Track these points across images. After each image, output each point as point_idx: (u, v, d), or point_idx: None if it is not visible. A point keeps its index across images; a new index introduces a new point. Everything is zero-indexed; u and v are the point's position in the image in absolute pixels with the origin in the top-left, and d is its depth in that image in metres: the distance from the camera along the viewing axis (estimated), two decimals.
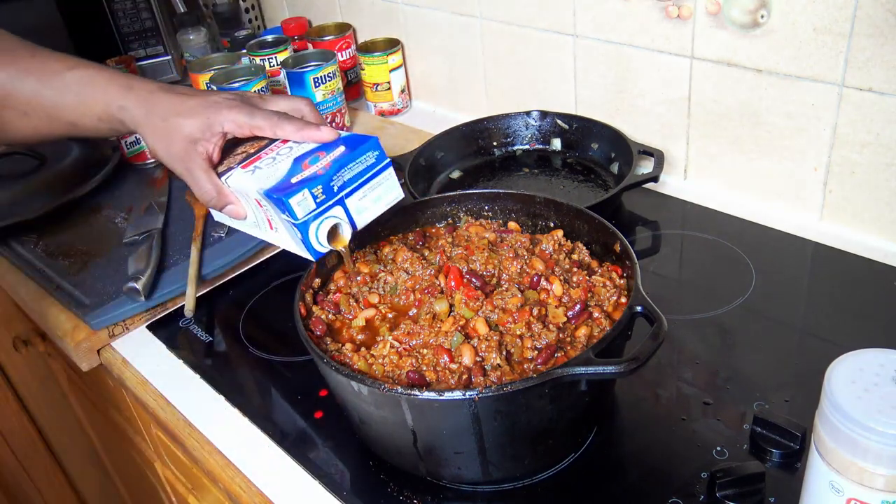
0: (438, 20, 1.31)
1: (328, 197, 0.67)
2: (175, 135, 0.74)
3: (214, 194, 0.75)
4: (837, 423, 0.49)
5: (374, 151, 0.69)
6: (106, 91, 0.76)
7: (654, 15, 1.01)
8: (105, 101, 0.76)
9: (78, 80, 0.76)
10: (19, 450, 1.57)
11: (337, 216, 0.68)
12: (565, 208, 0.81)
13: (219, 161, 0.76)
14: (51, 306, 0.99)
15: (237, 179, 0.72)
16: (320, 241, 0.68)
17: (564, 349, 0.66)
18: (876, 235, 0.93)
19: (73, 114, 0.77)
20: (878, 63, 0.83)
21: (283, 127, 0.74)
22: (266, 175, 0.69)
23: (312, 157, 0.70)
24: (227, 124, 0.74)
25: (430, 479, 0.69)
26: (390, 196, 0.72)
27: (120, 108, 0.76)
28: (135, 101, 0.76)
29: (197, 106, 0.74)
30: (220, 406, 0.83)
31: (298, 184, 0.66)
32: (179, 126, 0.74)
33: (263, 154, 0.74)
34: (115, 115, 0.76)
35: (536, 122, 1.20)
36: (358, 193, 0.69)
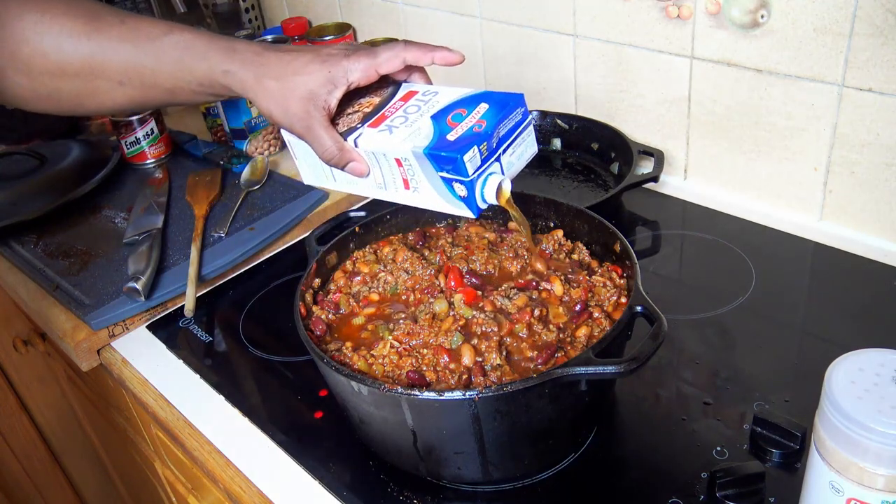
0: (438, 20, 1.31)
1: (490, 153, 0.66)
2: (292, 93, 0.70)
3: (336, 152, 0.71)
4: (837, 423, 0.49)
5: (521, 108, 0.69)
6: (207, 55, 0.72)
7: (654, 15, 1.01)
8: (207, 66, 0.72)
9: (175, 44, 0.72)
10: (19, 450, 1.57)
11: (496, 171, 0.67)
12: (565, 208, 0.81)
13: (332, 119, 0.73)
14: (51, 306, 0.99)
15: (370, 140, 0.70)
16: (486, 197, 0.67)
17: (564, 349, 0.66)
18: (876, 235, 0.93)
19: (172, 80, 0.73)
20: (878, 63, 0.83)
21: (409, 51, 0.71)
22: (409, 134, 0.68)
23: (453, 114, 0.68)
24: (352, 73, 0.70)
25: (430, 479, 0.69)
26: (530, 151, 0.71)
27: (225, 72, 0.71)
28: (241, 63, 0.71)
29: (312, 60, 0.70)
30: (220, 406, 0.83)
31: (460, 141, 0.65)
32: (297, 84, 0.70)
33: (388, 113, 0.72)
34: (218, 81, 0.72)
35: (536, 123, 1.20)
36: (510, 150, 0.69)
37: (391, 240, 0.84)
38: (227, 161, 1.24)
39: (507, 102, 0.68)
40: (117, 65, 0.73)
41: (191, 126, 1.42)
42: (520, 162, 0.70)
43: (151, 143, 1.28)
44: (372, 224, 0.84)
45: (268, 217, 1.10)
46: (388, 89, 0.74)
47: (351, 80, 0.70)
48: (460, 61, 0.72)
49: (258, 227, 1.08)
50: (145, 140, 1.28)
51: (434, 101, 0.71)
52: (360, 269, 0.80)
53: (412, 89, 0.73)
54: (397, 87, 0.74)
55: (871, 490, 0.49)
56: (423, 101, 0.71)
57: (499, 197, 0.67)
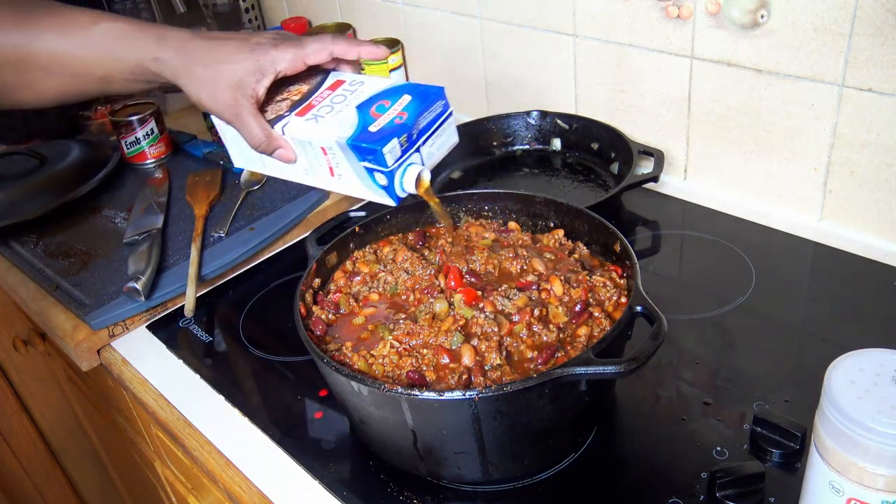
0: (438, 20, 1.31)
1: (410, 145, 0.69)
2: (221, 81, 0.71)
3: (264, 139, 0.72)
4: (837, 423, 0.49)
5: (442, 101, 0.71)
6: (137, 43, 0.73)
7: (654, 15, 1.01)
8: (137, 54, 0.72)
9: (104, 33, 0.73)
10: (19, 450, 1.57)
11: (416, 162, 0.70)
12: (565, 208, 0.81)
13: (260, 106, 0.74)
14: (51, 306, 0.99)
15: (296, 128, 0.72)
16: (405, 187, 0.70)
17: (565, 349, 0.66)
18: (876, 235, 0.93)
19: (103, 69, 0.74)
20: (878, 63, 0.83)
21: (337, 44, 0.73)
22: (334, 124, 0.70)
23: (377, 105, 0.71)
24: (280, 63, 0.72)
25: (430, 479, 0.69)
26: (451, 141, 0.74)
27: (155, 59, 0.72)
28: (171, 51, 0.72)
29: (241, 49, 0.72)
30: (220, 406, 0.83)
31: (381, 132, 0.68)
32: (225, 72, 0.71)
33: (315, 102, 0.73)
34: (149, 68, 0.72)
35: (536, 122, 1.20)
36: (430, 141, 0.71)
37: (391, 240, 0.84)
38: (227, 161, 1.24)
39: (428, 95, 0.70)
40: (47, 55, 0.73)
41: (191, 126, 1.42)
42: (440, 152, 0.73)
43: (151, 143, 1.28)
44: (372, 224, 0.84)
45: (268, 217, 1.10)
46: (316, 78, 0.76)
47: (278, 70, 0.72)
48: (384, 56, 0.76)
49: (258, 227, 1.08)
50: (145, 140, 1.28)
51: (360, 91, 0.73)
52: (360, 269, 0.80)
53: (340, 78, 0.76)
54: (326, 75, 0.76)
55: (871, 490, 0.49)
56: (349, 91, 0.73)
57: (418, 187, 0.70)
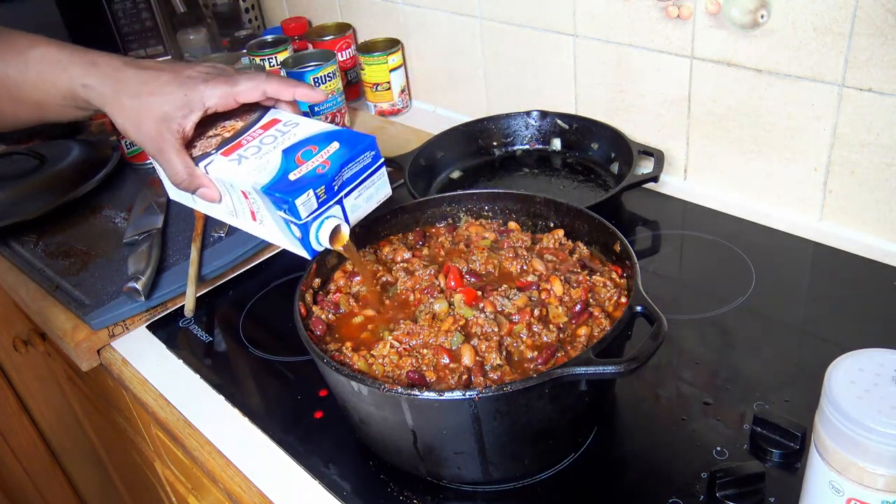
0: (438, 20, 1.31)
1: (329, 197, 0.67)
2: (147, 113, 0.69)
3: (185, 177, 0.71)
4: (837, 423, 0.49)
5: (371, 151, 0.69)
6: (68, 68, 0.71)
7: (654, 15, 1.01)
8: (67, 78, 0.71)
9: (40, 57, 0.71)
10: (19, 450, 1.57)
11: (335, 215, 0.68)
12: (565, 208, 0.81)
13: (190, 141, 0.73)
14: (51, 306, 0.99)
15: (220, 168, 0.70)
16: (320, 240, 0.68)
17: (565, 349, 0.66)
18: (876, 235, 0.93)
19: (37, 94, 0.72)
20: (878, 63, 0.83)
21: (270, 83, 0.71)
22: (256, 168, 0.68)
23: (304, 150, 0.69)
24: (209, 99, 0.70)
25: (430, 479, 0.69)
26: (381, 194, 0.72)
27: (84, 86, 0.70)
28: (100, 78, 0.70)
29: (171, 82, 0.70)
30: (220, 406, 0.83)
31: (299, 182, 0.66)
32: (152, 105, 0.69)
33: (244, 141, 0.72)
34: (79, 94, 0.71)
35: (536, 122, 1.20)
36: (354, 193, 0.69)
37: (391, 240, 0.84)
38: None
39: (356, 144, 0.68)
40: None
41: None
42: (368, 205, 0.71)
43: None
44: (372, 224, 0.84)
45: None
46: (254, 114, 0.74)
47: (208, 106, 0.70)
48: (320, 100, 0.74)
49: None
50: None
51: (291, 133, 0.71)
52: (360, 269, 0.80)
53: (276, 117, 0.74)
54: (264, 112, 0.75)
55: (871, 490, 0.49)
56: (280, 133, 0.72)
57: (334, 241, 0.68)
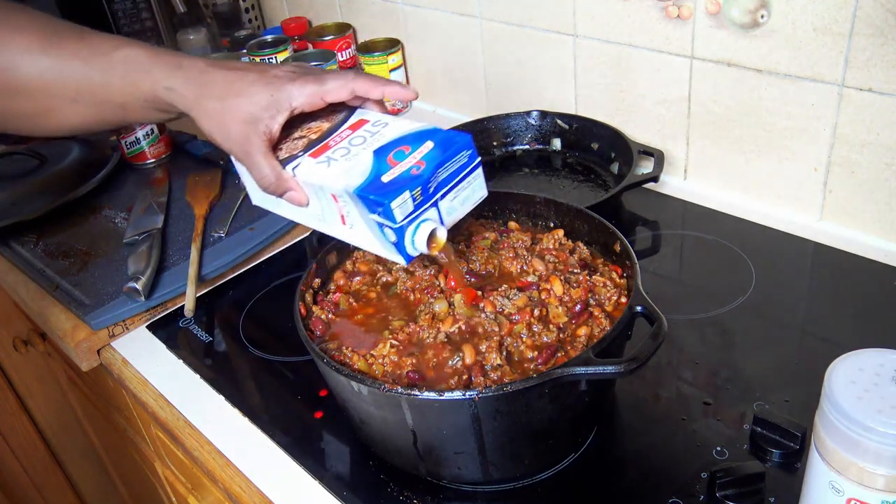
0: (438, 20, 1.31)
1: (425, 199, 0.62)
2: (233, 116, 0.67)
3: (273, 180, 0.68)
4: (837, 423, 0.49)
5: (468, 150, 0.65)
6: (151, 71, 0.69)
7: (654, 15, 1.01)
8: (151, 81, 0.69)
9: (124, 59, 0.69)
10: (19, 450, 1.57)
11: (431, 218, 0.64)
12: (565, 208, 0.81)
13: (276, 143, 0.70)
14: (51, 306, 0.99)
15: (308, 171, 0.66)
16: (417, 245, 0.64)
17: (565, 349, 0.66)
18: (876, 235, 0.93)
19: (122, 97, 0.70)
20: (878, 63, 0.83)
21: (359, 81, 0.68)
22: (346, 170, 0.64)
23: (396, 151, 0.65)
24: (296, 99, 0.67)
25: (430, 479, 0.69)
26: (477, 195, 0.67)
27: (167, 89, 0.68)
28: (184, 80, 0.68)
29: (256, 81, 0.67)
30: (220, 406, 0.83)
31: (394, 184, 0.61)
32: (238, 106, 0.67)
33: (332, 143, 0.68)
34: (162, 98, 0.69)
35: (536, 122, 1.20)
36: (450, 195, 0.64)
37: None
38: (227, 161, 1.24)
39: (451, 144, 0.64)
40: (71, 81, 0.70)
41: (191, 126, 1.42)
42: (463, 207, 0.66)
43: (151, 143, 1.28)
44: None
45: (268, 217, 1.10)
46: (340, 115, 0.71)
47: (295, 106, 0.68)
48: (413, 97, 0.71)
49: (258, 227, 1.08)
50: (145, 140, 1.28)
51: (381, 133, 0.67)
52: (359, 269, 0.80)
53: (364, 117, 0.70)
54: (351, 112, 0.71)
55: (871, 490, 0.49)
56: (370, 133, 0.68)
57: (430, 246, 0.64)
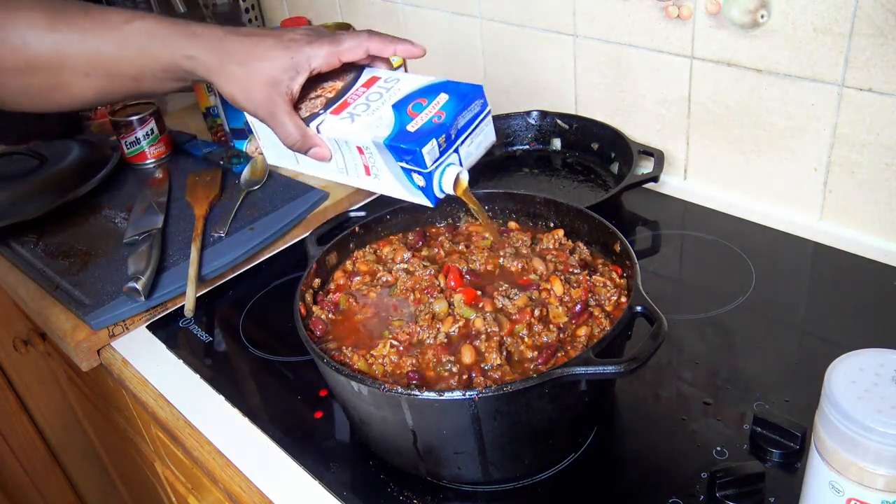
0: (438, 20, 1.31)
1: (448, 145, 0.68)
2: (255, 79, 0.70)
3: (299, 137, 0.71)
4: (837, 423, 0.49)
5: (480, 100, 0.70)
6: (169, 41, 0.71)
7: (654, 15, 1.01)
8: (170, 51, 0.71)
9: (138, 31, 0.72)
10: (19, 450, 1.57)
11: (454, 163, 0.69)
12: (565, 208, 0.81)
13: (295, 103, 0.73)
14: (51, 306, 0.99)
15: (332, 127, 0.71)
16: (444, 187, 0.69)
17: (565, 349, 0.66)
18: (876, 235, 0.93)
19: (136, 69, 0.73)
20: (878, 63, 0.83)
21: (373, 41, 0.72)
22: (371, 123, 0.69)
23: (414, 103, 0.70)
24: (314, 60, 0.71)
25: (430, 479, 0.69)
26: (488, 141, 0.73)
27: (187, 57, 0.71)
28: (204, 48, 0.71)
29: (275, 46, 0.71)
30: (220, 406, 0.83)
31: (420, 132, 0.66)
32: (260, 69, 0.70)
33: (350, 100, 0.73)
34: (181, 66, 0.72)
35: (536, 122, 1.20)
36: (468, 140, 0.70)
37: (391, 240, 0.84)
38: (227, 161, 1.24)
39: (466, 94, 0.69)
40: (82, 56, 0.72)
41: (191, 126, 1.42)
42: (478, 151, 0.72)
43: (151, 143, 1.28)
44: (372, 224, 0.84)
45: (268, 217, 1.10)
46: (350, 74, 0.75)
47: (313, 67, 0.71)
48: (422, 54, 0.74)
49: (258, 227, 1.08)
50: (145, 140, 1.28)
51: (396, 88, 0.72)
52: (360, 269, 0.80)
53: (375, 75, 0.74)
54: (360, 71, 0.75)
55: (871, 490, 0.49)
56: (385, 89, 0.72)
57: (456, 188, 0.69)
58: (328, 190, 1.16)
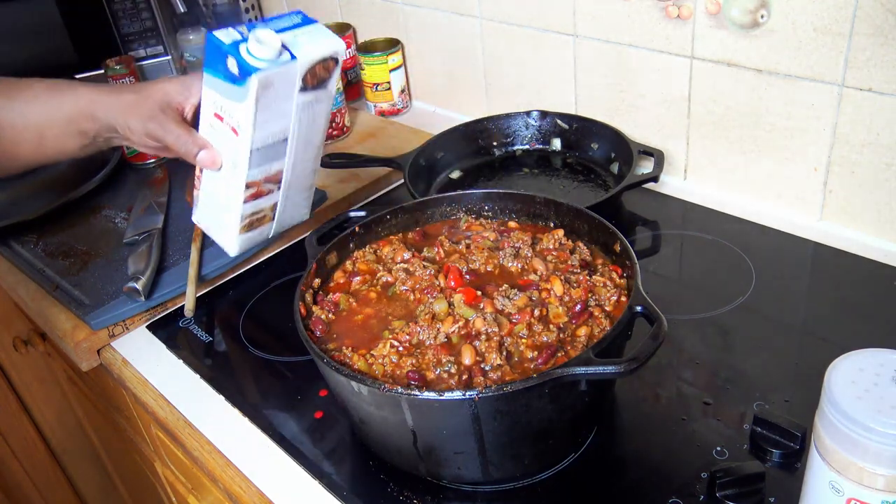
0: (438, 20, 1.31)
1: (250, 28, 0.73)
2: (149, 100, 0.79)
3: (188, 138, 0.78)
4: (837, 423, 0.49)
5: (300, 16, 0.78)
6: (75, 90, 0.80)
7: (654, 15, 1.01)
8: (74, 99, 0.79)
9: (46, 87, 0.80)
10: (19, 450, 1.57)
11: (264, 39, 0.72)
12: (565, 208, 0.81)
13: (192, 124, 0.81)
14: (51, 306, 0.99)
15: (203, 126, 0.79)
16: (256, 54, 0.71)
17: (565, 349, 0.66)
18: (876, 235, 0.93)
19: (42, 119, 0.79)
20: (878, 63, 0.83)
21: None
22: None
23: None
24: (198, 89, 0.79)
25: (430, 479, 0.69)
26: (326, 40, 0.77)
27: (90, 101, 0.79)
28: (105, 91, 0.80)
29: (168, 78, 0.82)
30: (220, 406, 0.83)
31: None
32: (154, 90, 0.79)
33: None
34: (84, 110, 0.79)
35: (536, 122, 1.20)
36: (289, 32, 0.75)
37: (391, 240, 0.84)
38: None
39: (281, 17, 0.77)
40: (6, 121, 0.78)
41: None
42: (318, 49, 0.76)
43: None
44: (372, 224, 0.84)
45: None
46: None
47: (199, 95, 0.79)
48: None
49: None
50: None
51: None
52: (360, 269, 0.80)
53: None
54: None
55: (871, 490, 0.49)
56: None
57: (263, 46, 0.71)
58: (328, 190, 1.16)
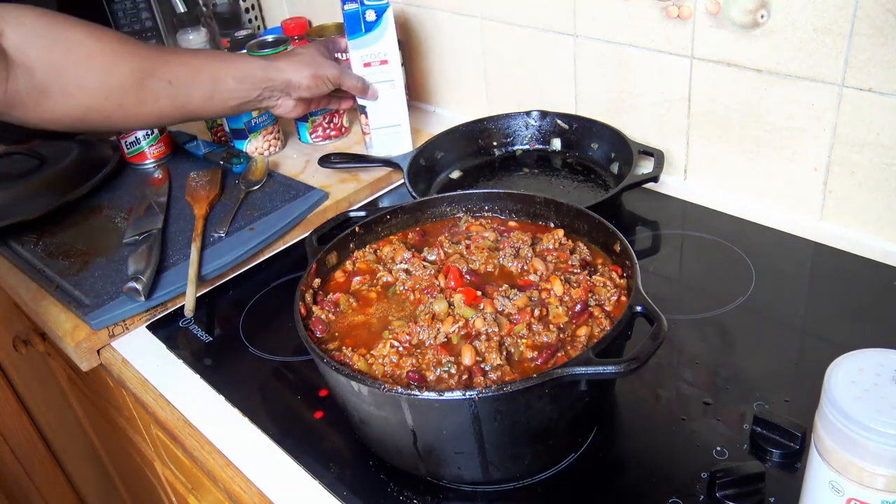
0: (438, 20, 1.31)
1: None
2: (317, 56, 1.08)
3: (364, 81, 1.13)
4: (837, 423, 0.49)
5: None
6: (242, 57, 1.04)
7: (654, 15, 1.01)
8: (247, 64, 1.02)
9: (219, 54, 1.08)
10: (19, 450, 1.57)
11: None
12: (565, 208, 0.81)
13: None
14: (51, 306, 0.99)
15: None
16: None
17: (565, 349, 0.66)
18: (876, 235, 0.93)
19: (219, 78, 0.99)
20: (878, 63, 0.83)
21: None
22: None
23: None
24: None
25: (430, 479, 0.69)
26: None
27: (262, 66, 1.02)
28: (269, 58, 1.06)
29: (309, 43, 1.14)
30: (220, 406, 0.83)
31: None
32: (311, 51, 1.09)
33: None
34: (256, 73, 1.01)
35: (536, 122, 1.20)
36: None
37: (391, 240, 0.84)
38: (227, 161, 1.24)
39: None
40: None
41: (191, 126, 1.42)
42: None
43: (151, 143, 1.28)
44: (372, 224, 0.84)
45: (268, 217, 1.10)
46: None
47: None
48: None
49: (258, 227, 1.08)
50: (145, 140, 1.28)
51: None
52: (360, 269, 0.80)
53: None
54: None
55: (871, 490, 0.49)
56: None
57: None
58: (328, 190, 1.16)
